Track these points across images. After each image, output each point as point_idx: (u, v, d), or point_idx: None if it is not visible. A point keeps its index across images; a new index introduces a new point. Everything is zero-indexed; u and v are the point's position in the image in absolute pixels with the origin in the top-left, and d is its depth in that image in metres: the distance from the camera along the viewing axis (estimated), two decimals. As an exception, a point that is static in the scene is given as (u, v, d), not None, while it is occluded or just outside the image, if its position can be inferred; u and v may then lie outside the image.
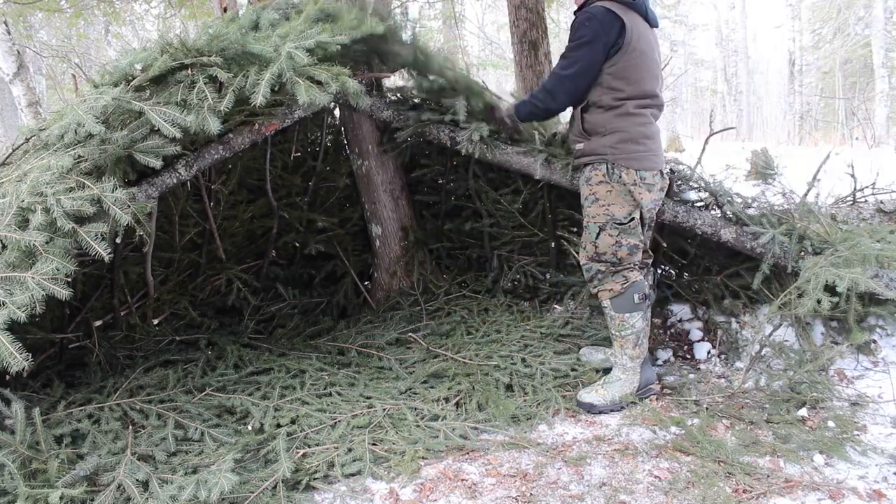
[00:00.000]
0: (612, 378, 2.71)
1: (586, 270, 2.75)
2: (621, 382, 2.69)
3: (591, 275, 2.73)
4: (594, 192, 2.67)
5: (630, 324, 2.68)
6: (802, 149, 13.65)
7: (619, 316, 2.68)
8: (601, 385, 2.70)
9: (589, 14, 2.53)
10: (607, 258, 2.68)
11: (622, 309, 2.67)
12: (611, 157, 2.61)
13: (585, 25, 2.52)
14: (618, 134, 2.60)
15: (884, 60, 16.84)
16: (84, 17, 9.76)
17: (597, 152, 2.65)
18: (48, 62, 13.40)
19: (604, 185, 2.64)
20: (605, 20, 2.51)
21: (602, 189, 2.65)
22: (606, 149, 2.61)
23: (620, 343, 2.70)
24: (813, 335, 2.94)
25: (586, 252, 2.74)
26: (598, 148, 2.64)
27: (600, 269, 2.70)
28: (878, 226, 3.33)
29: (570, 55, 2.58)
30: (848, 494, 2.03)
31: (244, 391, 2.84)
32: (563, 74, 2.61)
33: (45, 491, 1.93)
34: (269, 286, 3.96)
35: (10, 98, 9.94)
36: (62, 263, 2.11)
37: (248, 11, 3.11)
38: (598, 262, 2.70)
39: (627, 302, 2.67)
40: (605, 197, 2.65)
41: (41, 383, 2.83)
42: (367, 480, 2.24)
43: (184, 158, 2.68)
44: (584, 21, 2.53)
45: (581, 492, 2.13)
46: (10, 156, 2.73)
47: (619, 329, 2.69)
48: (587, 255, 2.74)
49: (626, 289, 2.67)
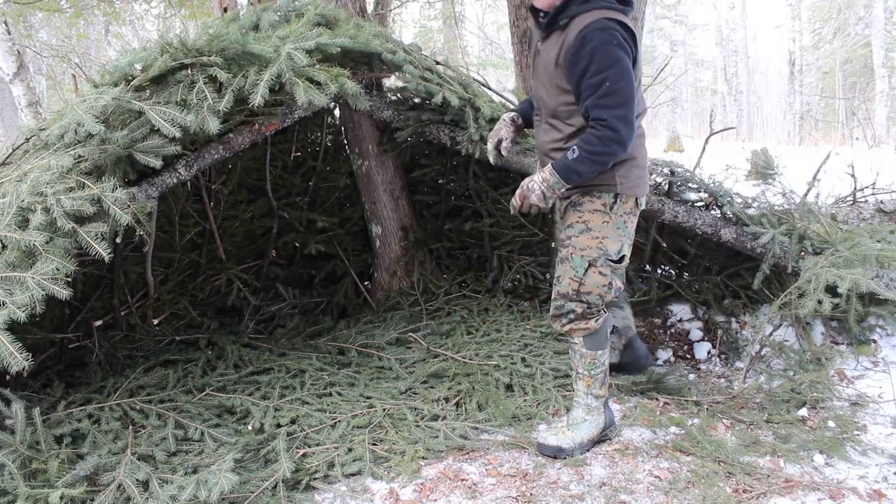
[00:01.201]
0: (576, 419, 2.39)
1: (556, 308, 2.36)
2: (588, 423, 2.39)
3: (562, 313, 2.36)
4: (585, 220, 2.29)
5: (601, 361, 2.38)
6: (802, 149, 13.66)
7: (592, 353, 2.36)
8: (566, 427, 2.38)
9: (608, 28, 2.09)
10: (591, 299, 2.31)
11: (596, 346, 2.37)
12: (619, 188, 2.26)
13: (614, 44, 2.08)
14: (630, 161, 2.27)
15: (884, 60, 16.84)
16: (84, 17, 9.76)
17: (605, 182, 2.26)
18: (48, 62, 13.40)
19: (600, 214, 2.28)
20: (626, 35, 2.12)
21: (597, 219, 2.28)
22: (616, 178, 2.25)
23: (588, 382, 2.38)
24: (813, 335, 2.95)
25: (563, 289, 2.33)
26: (607, 178, 2.25)
27: (575, 310, 2.33)
28: (879, 226, 3.33)
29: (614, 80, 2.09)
30: (848, 494, 2.03)
31: (244, 391, 2.84)
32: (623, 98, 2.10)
33: (45, 491, 1.93)
34: (269, 286, 3.96)
35: (10, 98, 9.94)
36: (62, 263, 2.11)
37: (248, 12, 3.12)
38: (576, 300, 2.32)
39: (602, 338, 2.38)
40: (599, 228, 2.28)
41: (41, 383, 2.83)
42: (367, 480, 2.24)
43: (184, 158, 2.68)
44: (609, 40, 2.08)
45: (581, 492, 2.13)
46: (10, 156, 2.73)
47: (590, 367, 2.37)
48: (563, 293, 2.33)
49: (600, 325, 2.36)
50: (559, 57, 2.19)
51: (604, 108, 2.10)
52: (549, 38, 2.26)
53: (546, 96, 2.30)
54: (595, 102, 2.11)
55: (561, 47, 2.18)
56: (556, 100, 2.26)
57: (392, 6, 7.87)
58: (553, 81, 2.25)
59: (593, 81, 2.10)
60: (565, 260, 2.33)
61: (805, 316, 2.80)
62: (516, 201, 2.33)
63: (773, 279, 3.13)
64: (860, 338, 2.97)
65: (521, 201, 2.31)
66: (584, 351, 2.37)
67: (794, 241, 2.98)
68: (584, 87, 2.13)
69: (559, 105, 2.26)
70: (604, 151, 2.13)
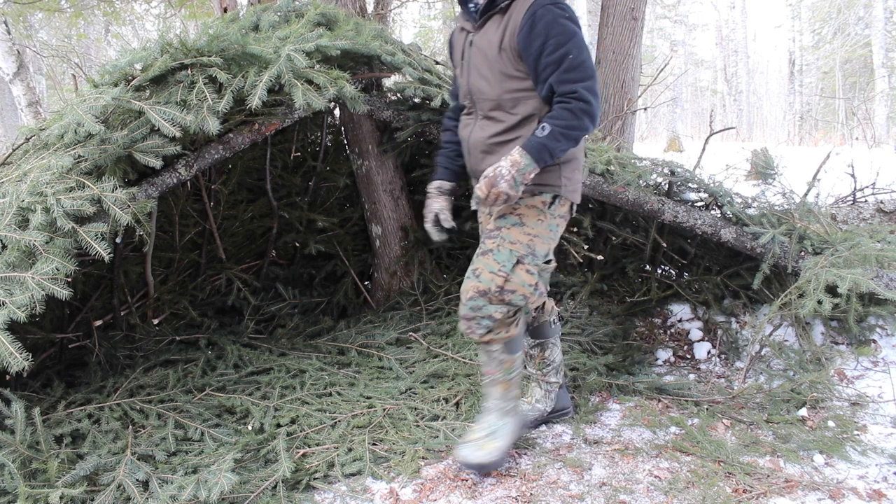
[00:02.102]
0: (494, 426, 2.24)
1: (472, 308, 2.12)
2: (505, 427, 2.25)
3: (479, 315, 2.12)
4: (520, 213, 2.15)
5: (518, 364, 2.25)
6: (802, 149, 13.65)
7: (511, 357, 2.22)
8: (486, 438, 2.21)
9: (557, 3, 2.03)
10: (514, 300, 2.13)
11: (515, 349, 2.23)
12: (562, 190, 2.16)
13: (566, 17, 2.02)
14: (574, 162, 2.20)
15: (884, 60, 16.84)
16: (84, 17, 9.76)
17: (549, 182, 2.15)
18: (48, 62, 13.40)
19: (536, 211, 2.15)
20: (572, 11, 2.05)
21: (532, 215, 2.15)
22: (562, 178, 2.16)
23: (505, 387, 2.25)
24: (813, 335, 2.95)
25: (484, 284, 2.10)
26: (553, 177, 2.15)
27: (493, 315, 2.13)
28: (879, 226, 3.33)
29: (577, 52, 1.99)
30: (848, 494, 2.03)
31: (244, 391, 2.84)
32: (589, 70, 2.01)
33: (45, 491, 1.93)
34: (269, 286, 3.96)
35: (10, 98, 9.93)
36: (62, 263, 2.11)
37: (248, 13, 3.11)
38: (498, 301, 2.12)
39: (520, 340, 2.25)
40: (532, 225, 2.15)
41: (41, 383, 2.83)
42: (367, 480, 2.24)
43: (184, 158, 2.68)
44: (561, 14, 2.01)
45: (581, 492, 2.13)
46: (10, 156, 2.73)
47: (508, 372, 2.23)
48: (484, 289, 2.10)
49: (520, 328, 2.24)
50: (503, 41, 2.08)
51: (571, 82, 2.00)
52: (484, 27, 2.16)
53: (487, 87, 2.15)
54: (561, 77, 2.01)
55: (504, 31, 2.08)
56: (501, 87, 2.12)
57: (392, 6, 7.86)
58: (496, 68, 2.12)
59: (554, 57, 2.00)
60: (489, 252, 2.13)
61: (805, 316, 2.80)
62: (481, 190, 2.04)
63: (773, 279, 3.13)
64: (860, 338, 2.97)
65: (487, 190, 2.03)
66: (502, 357, 2.21)
67: (794, 241, 2.98)
68: (543, 64, 2.02)
69: (504, 93, 2.13)
70: (577, 125, 2.00)
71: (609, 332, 3.29)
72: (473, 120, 2.27)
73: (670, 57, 13.17)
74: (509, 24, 2.07)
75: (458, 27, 2.32)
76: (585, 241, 3.73)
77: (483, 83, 2.17)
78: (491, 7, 2.12)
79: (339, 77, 2.71)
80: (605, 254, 3.74)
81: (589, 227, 3.55)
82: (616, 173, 3.11)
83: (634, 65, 5.01)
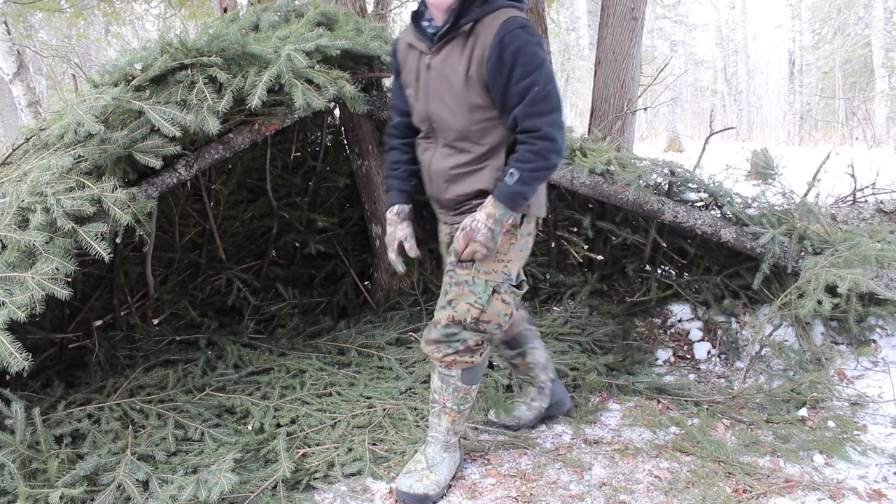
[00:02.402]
0: (436, 459, 2.18)
1: (446, 335, 2.06)
2: (447, 460, 2.19)
3: (451, 340, 2.07)
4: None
5: (472, 396, 2.18)
6: (802, 149, 13.66)
7: (466, 388, 2.14)
8: (427, 469, 2.15)
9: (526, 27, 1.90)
10: (490, 329, 2.08)
11: (473, 380, 2.15)
12: (530, 208, 2.09)
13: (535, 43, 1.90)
14: None
15: (884, 60, 16.84)
16: (84, 17, 9.76)
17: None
18: (48, 62, 13.41)
19: (507, 235, 2.06)
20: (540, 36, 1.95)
21: (504, 241, 2.06)
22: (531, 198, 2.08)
23: (454, 418, 2.17)
24: (813, 335, 2.94)
25: (459, 314, 2.05)
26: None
27: (467, 341, 2.07)
28: (879, 226, 3.33)
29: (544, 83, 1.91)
30: (848, 494, 2.03)
31: (244, 391, 2.84)
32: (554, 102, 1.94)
33: (45, 491, 1.93)
34: (269, 286, 3.96)
35: (10, 98, 9.94)
36: (62, 263, 2.11)
37: (248, 12, 3.11)
38: (473, 329, 2.07)
39: (480, 371, 2.18)
40: (505, 251, 2.07)
41: (41, 383, 2.83)
42: (367, 480, 2.24)
43: (184, 158, 2.68)
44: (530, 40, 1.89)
45: (581, 492, 2.13)
46: (10, 156, 2.73)
47: (461, 402, 2.16)
48: (459, 319, 2.05)
49: (483, 358, 2.16)
50: (469, 69, 1.93)
51: (535, 117, 1.91)
52: (443, 50, 1.98)
53: (451, 118, 2.00)
54: (526, 111, 1.90)
55: (471, 58, 1.93)
56: (469, 119, 1.98)
57: (392, 6, 7.87)
58: (461, 99, 1.97)
59: (520, 87, 1.89)
60: (464, 283, 2.05)
61: (805, 316, 2.80)
62: (458, 245, 2.01)
63: (773, 279, 3.13)
64: (860, 338, 2.97)
65: (465, 243, 1.99)
66: (459, 385, 2.13)
67: (794, 241, 2.98)
68: (511, 94, 1.91)
69: (472, 124, 1.99)
70: (544, 166, 1.93)
71: (609, 332, 3.29)
72: (433, 146, 2.12)
73: (670, 57, 13.17)
74: (475, 51, 1.92)
75: (404, 42, 2.12)
76: (585, 241, 3.73)
77: (445, 113, 2.01)
78: (452, 29, 1.95)
79: (339, 77, 2.71)
80: (605, 254, 3.74)
81: (589, 227, 3.55)
82: (616, 173, 3.12)
83: (634, 65, 5.01)
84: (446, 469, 2.18)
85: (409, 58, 2.11)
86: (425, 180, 2.20)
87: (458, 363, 2.10)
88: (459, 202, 2.11)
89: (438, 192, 2.15)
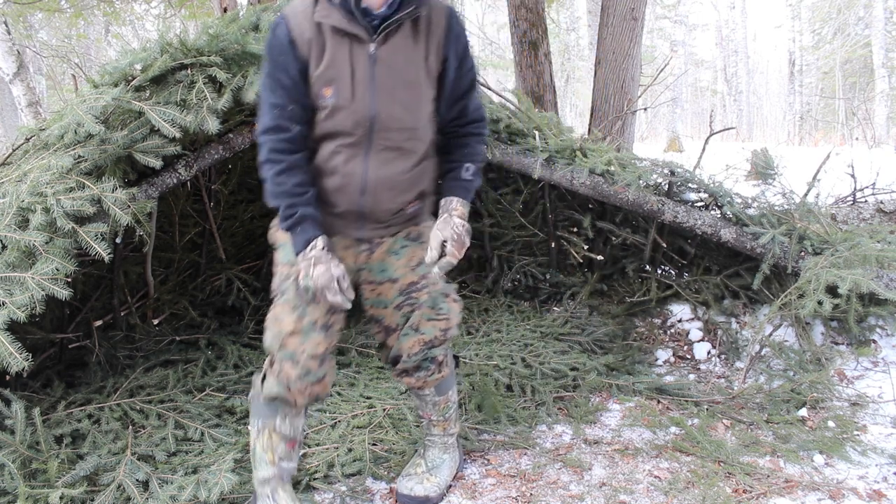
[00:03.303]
0: (437, 461, 2.19)
1: (415, 361, 2.00)
2: (447, 462, 2.20)
3: (423, 362, 2.02)
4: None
5: (453, 400, 2.19)
6: (802, 149, 13.66)
7: (444, 398, 2.14)
8: (429, 473, 2.15)
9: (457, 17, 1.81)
10: (451, 334, 2.03)
11: (447, 388, 2.14)
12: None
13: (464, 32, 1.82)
14: None
15: (884, 60, 16.85)
16: (84, 17, 9.77)
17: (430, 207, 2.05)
18: (48, 62, 13.41)
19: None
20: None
21: None
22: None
23: (444, 426, 2.19)
24: (813, 335, 2.94)
25: (428, 336, 1.97)
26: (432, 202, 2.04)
27: (437, 358, 2.05)
28: (879, 226, 3.33)
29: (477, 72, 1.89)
30: (848, 494, 2.03)
31: (244, 391, 2.84)
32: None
33: (45, 491, 1.93)
34: (269, 286, 3.95)
35: (10, 98, 9.94)
36: (62, 263, 2.11)
37: (248, 12, 3.11)
38: (442, 342, 2.01)
39: (451, 378, 2.16)
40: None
41: (41, 383, 2.83)
42: (367, 480, 2.24)
43: (184, 158, 2.68)
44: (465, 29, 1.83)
45: (581, 492, 2.13)
46: (10, 156, 2.73)
47: (444, 411, 2.16)
48: (427, 340, 1.97)
49: (450, 366, 2.15)
50: (428, 58, 1.76)
51: (480, 106, 1.90)
52: (391, 39, 1.73)
53: (405, 115, 1.78)
54: (476, 102, 1.87)
55: (428, 44, 1.76)
56: (423, 115, 1.81)
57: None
58: (417, 94, 1.78)
59: (471, 76, 1.84)
60: (422, 304, 1.96)
61: (805, 316, 2.80)
62: (455, 257, 1.86)
63: (773, 279, 3.13)
64: (860, 338, 2.97)
65: (461, 252, 1.88)
66: (436, 399, 2.12)
67: (794, 241, 2.98)
68: (462, 83, 1.83)
69: (423, 120, 1.82)
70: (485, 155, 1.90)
71: (609, 332, 3.29)
72: (362, 153, 1.79)
73: (670, 57, 13.17)
74: (431, 36, 1.75)
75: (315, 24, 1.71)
76: (585, 241, 3.73)
77: (398, 110, 1.76)
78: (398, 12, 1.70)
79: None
80: (605, 254, 3.74)
81: (589, 227, 3.55)
82: (616, 173, 3.12)
83: (634, 65, 5.02)
84: (447, 470, 2.19)
85: (336, 47, 1.72)
86: (354, 194, 1.83)
87: (430, 382, 2.07)
88: (396, 212, 1.90)
89: (381, 205, 1.86)
